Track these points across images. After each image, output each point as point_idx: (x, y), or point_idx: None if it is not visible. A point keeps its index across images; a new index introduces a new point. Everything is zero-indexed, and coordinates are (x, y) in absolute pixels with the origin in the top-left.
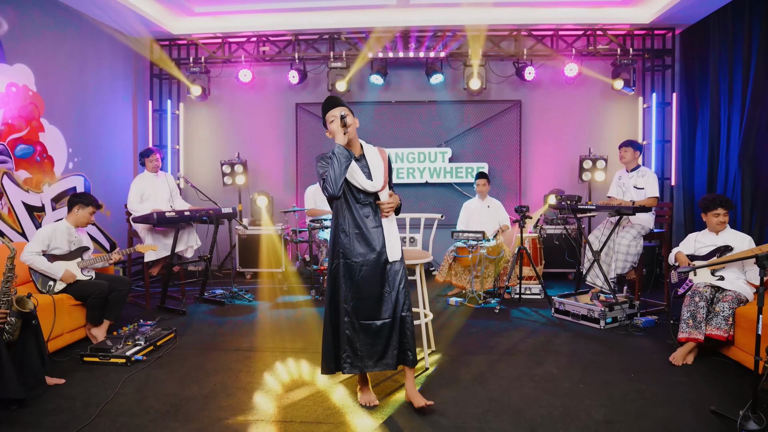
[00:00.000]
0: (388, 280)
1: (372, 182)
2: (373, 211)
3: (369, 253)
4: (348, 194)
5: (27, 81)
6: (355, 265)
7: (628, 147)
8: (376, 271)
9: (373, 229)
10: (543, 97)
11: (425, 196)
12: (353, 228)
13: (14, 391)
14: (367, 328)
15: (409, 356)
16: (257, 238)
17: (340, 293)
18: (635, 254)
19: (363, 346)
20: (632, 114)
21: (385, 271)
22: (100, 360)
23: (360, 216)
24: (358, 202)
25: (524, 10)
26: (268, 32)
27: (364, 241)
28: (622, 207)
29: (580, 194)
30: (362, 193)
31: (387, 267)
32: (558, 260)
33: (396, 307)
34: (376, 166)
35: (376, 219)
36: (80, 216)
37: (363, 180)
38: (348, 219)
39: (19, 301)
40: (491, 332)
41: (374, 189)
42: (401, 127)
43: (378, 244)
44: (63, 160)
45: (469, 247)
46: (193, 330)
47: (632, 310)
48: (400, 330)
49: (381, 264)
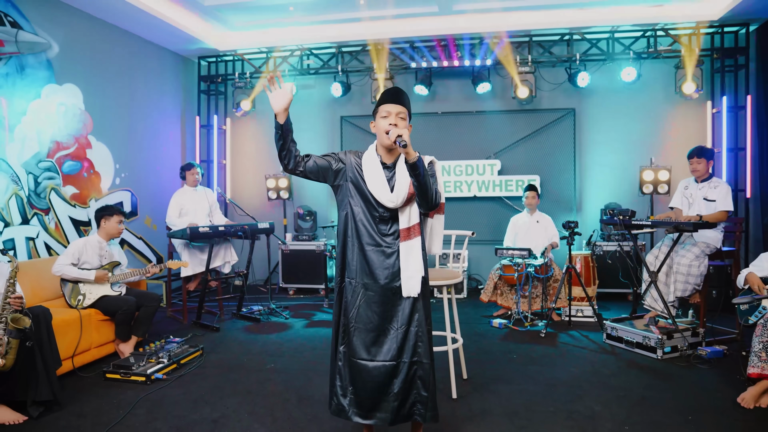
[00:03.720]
0: (398, 315)
1: (391, 195)
2: (387, 228)
3: (375, 279)
4: (361, 202)
5: (76, 100)
6: (358, 287)
7: (701, 158)
8: (383, 300)
9: (385, 250)
10: (599, 104)
11: (473, 211)
12: (360, 244)
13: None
14: (360, 367)
15: (418, 409)
16: (300, 253)
17: (341, 317)
18: (698, 275)
19: (355, 388)
20: (699, 120)
21: (395, 303)
22: (121, 377)
23: (371, 231)
24: (372, 216)
25: (576, 12)
26: (311, 45)
27: (372, 262)
28: (682, 223)
29: (642, 208)
30: (381, 206)
31: (398, 299)
32: (616, 280)
33: (403, 349)
34: (403, 177)
35: (392, 239)
36: (109, 227)
37: (380, 190)
38: (355, 232)
39: (14, 319)
40: (533, 359)
41: (391, 204)
42: (448, 138)
43: (388, 270)
44: (110, 175)
45: (514, 265)
46: (222, 347)
47: (696, 338)
48: (408, 379)
49: (389, 294)
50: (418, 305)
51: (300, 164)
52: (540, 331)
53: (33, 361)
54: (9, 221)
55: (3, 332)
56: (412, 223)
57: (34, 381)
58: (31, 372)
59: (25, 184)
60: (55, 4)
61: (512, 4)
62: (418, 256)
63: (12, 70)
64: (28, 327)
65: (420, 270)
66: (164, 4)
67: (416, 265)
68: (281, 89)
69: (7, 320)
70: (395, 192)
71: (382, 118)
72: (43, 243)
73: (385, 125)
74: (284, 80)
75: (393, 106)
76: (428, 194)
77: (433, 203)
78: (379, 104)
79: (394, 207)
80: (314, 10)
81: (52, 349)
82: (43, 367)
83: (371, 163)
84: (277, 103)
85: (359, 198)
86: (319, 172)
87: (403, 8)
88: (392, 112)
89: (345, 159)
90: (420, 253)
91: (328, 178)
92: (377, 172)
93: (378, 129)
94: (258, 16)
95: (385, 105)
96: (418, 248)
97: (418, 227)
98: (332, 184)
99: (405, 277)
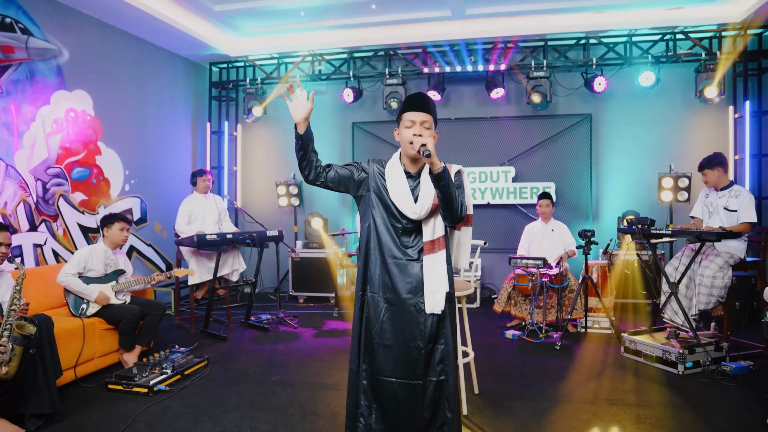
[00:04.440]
0: (423, 332)
1: (414, 206)
2: (410, 241)
3: (398, 294)
4: (384, 213)
5: (86, 106)
6: (381, 302)
7: (705, 170)
8: (407, 317)
9: (408, 263)
10: (616, 110)
11: (487, 219)
12: (382, 257)
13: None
14: (386, 385)
15: None
16: (311, 261)
17: (362, 333)
18: (722, 287)
19: (382, 408)
20: (721, 125)
21: (419, 319)
22: (123, 388)
23: (393, 244)
24: (395, 228)
25: (593, 15)
26: (323, 50)
27: (394, 276)
28: (704, 232)
29: (660, 216)
30: (404, 217)
31: (422, 315)
32: (633, 290)
33: (429, 367)
34: (428, 188)
35: (415, 252)
36: (113, 235)
37: (404, 200)
38: (377, 244)
39: (19, 326)
40: (547, 373)
41: (414, 215)
42: (461, 145)
43: (410, 284)
44: (119, 182)
45: (529, 275)
46: (227, 358)
47: (719, 352)
48: (435, 398)
49: (413, 310)
50: (444, 322)
51: (321, 175)
52: (555, 343)
53: (34, 371)
54: (17, 228)
55: (7, 339)
56: (437, 235)
57: (35, 392)
58: (32, 383)
59: (33, 191)
60: (66, 10)
61: (527, 8)
62: (443, 270)
63: (22, 76)
64: (33, 334)
65: (444, 285)
66: (176, 10)
67: (441, 280)
68: (301, 98)
69: (12, 327)
70: (419, 203)
71: (406, 128)
72: (51, 250)
73: (409, 135)
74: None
75: (418, 114)
76: (453, 206)
77: (458, 216)
78: (403, 111)
79: (417, 218)
80: (326, 15)
81: (54, 358)
82: (44, 377)
83: (395, 172)
84: (298, 112)
85: (382, 209)
86: (341, 182)
87: (415, 12)
88: (417, 121)
89: (368, 168)
90: (445, 267)
91: (351, 189)
92: (401, 182)
93: (402, 138)
94: (269, 21)
95: (409, 113)
96: (442, 262)
97: (443, 240)
98: (354, 194)
99: (429, 292)
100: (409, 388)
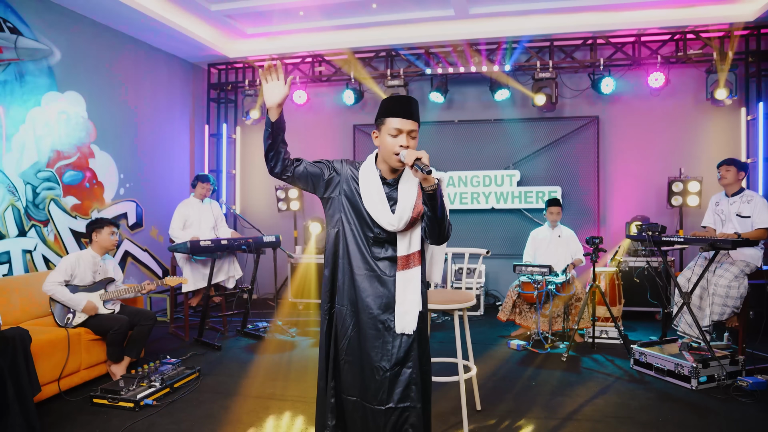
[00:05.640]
0: (390, 353)
1: (389, 217)
2: (382, 252)
3: (366, 308)
4: (354, 220)
5: (78, 108)
6: (348, 316)
7: (730, 166)
8: (375, 334)
9: (380, 277)
10: (624, 112)
11: (491, 224)
12: (350, 268)
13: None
14: (352, 405)
15: None
16: (310, 266)
17: (330, 347)
18: (737, 297)
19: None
20: (733, 127)
21: (387, 338)
22: (108, 402)
23: (363, 254)
24: (366, 237)
25: (600, 15)
26: (323, 51)
27: (363, 290)
28: (719, 240)
29: (670, 221)
30: (377, 226)
31: (391, 334)
32: (643, 297)
33: (392, 392)
34: (407, 197)
35: (387, 266)
36: (101, 240)
37: (379, 210)
38: (346, 253)
39: None
40: (554, 387)
41: (390, 227)
42: (465, 148)
43: (381, 300)
44: (114, 186)
45: (534, 283)
46: (220, 369)
47: (735, 366)
48: (398, 427)
49: (381, 327)
50: (413, 344)
51: (288, 168)
52: (561, 354)
53: (3, 390)
54: (5, 233)
55: None
56: (413, 250)
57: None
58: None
59: (22, 195)
60: (57, 9)
61: (532, 7)
62: (417, 288)
63: (10, 77)
64: None
65: (417, 304)
66: (172, 11)
67: (414, 299)
68: (278, 81)
69: None
70: (397, 214)
71: (391, 136)
72: (41, 256)
73: (395, 146)
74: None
75: (405, 122)
76: (443, 226)
77: (445, 236)
78: (386, 115)
79: (393, 230)
80: (326, 15)
81: (30, 375)
82: (15, 397)
83: (369, 177)
84: (272, 95)
85: (353, 215)
86: (309, 180)
87: (417, 12)
88: (404, 129)
89: (340, 169)
90: (419, 285)
91: (318, 188)
92: (376, 189)
93: (384, 146)
94: (268, 22)
95: (394, 120)
96: (417, 279)
97: (418, 255)
98: (322, 195)
99: (400, 311)
100: (371, 412)
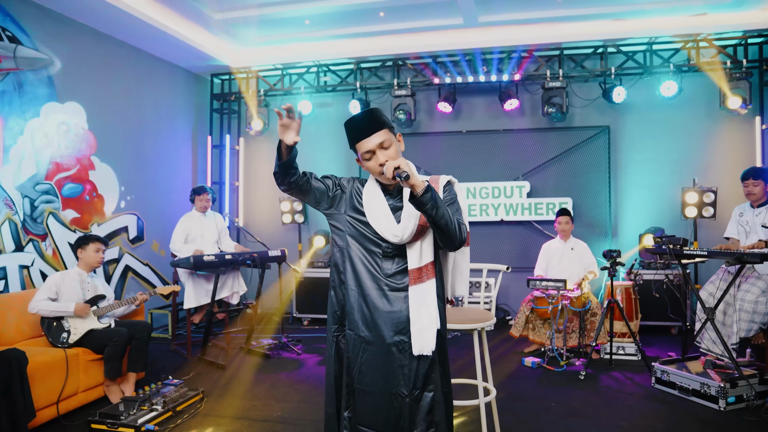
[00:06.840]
0: (409, 377)
1: (394, 228)
2: (392, 267)
3: (377, 331)
4: (359, 236)
5: (78, 119)
6: (358, 341)
7: (758, 180)
8: (389, 359)
9: (389, 295)
10: (636, 121)
11: (500, 236)
12: (359, 287)
13: None
14: None
15: None
16: (315, 281)
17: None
18: (765, 313)
19: None
20: (747, 137)
21: (404, 362)
22: (107, 428)
23: (372, 272)
24: (374, 253)
25: (611, 23)
26: (328, 61)
27: (374, 310)
28: (746, 254)
29: (684, 233)
30: (384, 240)
31: (405, 358)
32: (658, 311)
33: (416, 419)
34: (412, 207)
35: (399, 281)
36: (87, 257)
37: (382, 222)
38: (353, 272)
39: None
40: (573, 408)
41: (395, 238)
42: (473, 159)
43: (394, 320)
44: (114, 198)
45: (548, 297)
46: (225, 389)
47: (765, 386)
48: None
49: (395, 350)
50: (434, 365)
51: (294, 183)
52: (579, 372)
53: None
54: (1, 249)
55: None
56: (425, 261)
57: None
58: None
59: (19, 208)
60: (58, 18)
61: (542, 15)
62: (433, 303)
63: (9, 87)
64: None
65: (435, 321)
66: (175, 20)
67: (430, 315)
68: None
69: None
70: (402, 224)
71: (366, 160)
72: (39, 271)
73: (376, 167)
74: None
75: (368, 141)
76: (449, 230)
77: (458, 240)
78: (353, 143)
79: (399, 242)
80: (331, 23)
81: (25, 399)
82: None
83: (372, 191)
84: (284, 137)
85: (357, 230)
86: (312, 194)
87: (425, 21)
88: (372, 148)
89: (346, 187)
90: (435, 299)
91: (321, 204)
92: (378, 200)
93: (368, 169)
94: (272, 31)
95: (360, 144)
96: (432, 294)
97: (431, 267)
98: (325, 211)
99: (416, 330)
100: None
